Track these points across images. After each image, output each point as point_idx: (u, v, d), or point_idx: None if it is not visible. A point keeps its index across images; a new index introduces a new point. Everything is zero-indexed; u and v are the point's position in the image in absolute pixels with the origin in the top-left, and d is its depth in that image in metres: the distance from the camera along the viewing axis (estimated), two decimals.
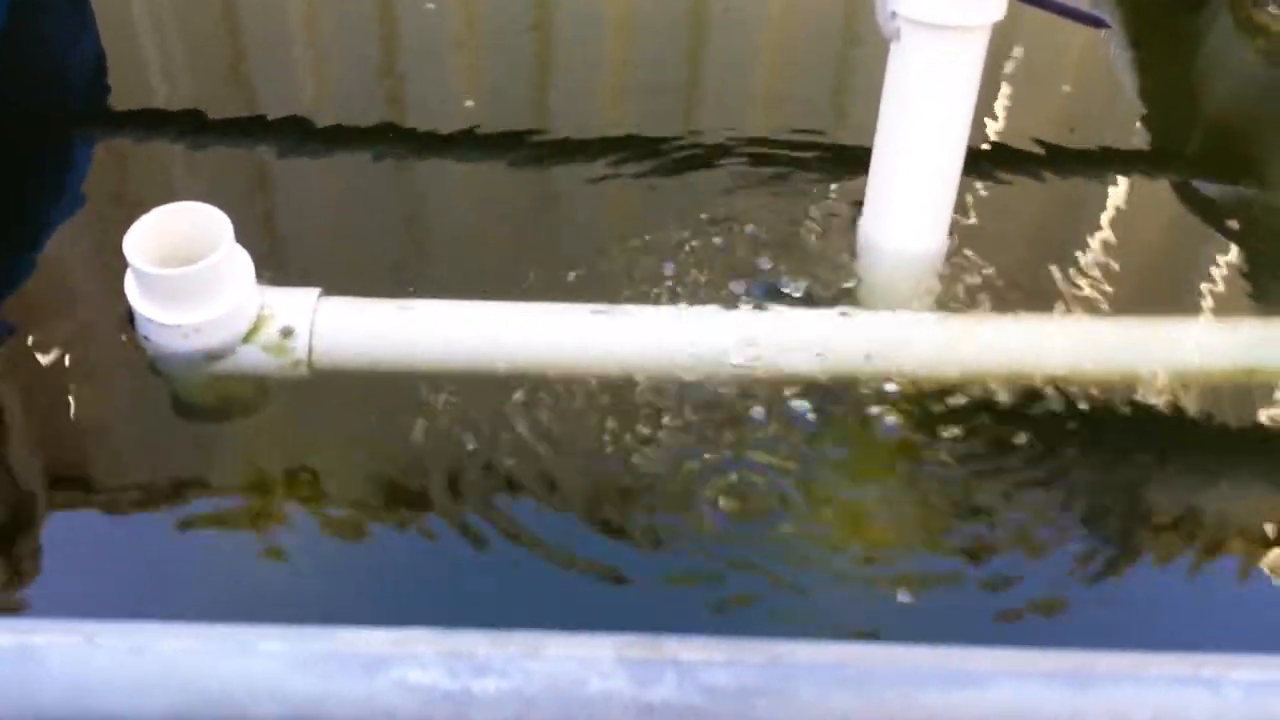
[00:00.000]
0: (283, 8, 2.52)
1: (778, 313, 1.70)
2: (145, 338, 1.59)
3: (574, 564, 1.42)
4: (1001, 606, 1.42)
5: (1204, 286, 1.90)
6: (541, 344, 1.65)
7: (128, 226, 1.54)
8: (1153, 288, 1.92)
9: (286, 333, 1.60)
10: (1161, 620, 1.44)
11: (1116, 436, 1.64)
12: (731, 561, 1.43)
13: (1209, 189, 2.10)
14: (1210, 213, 2.06)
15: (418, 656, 0.83)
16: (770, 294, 1.75)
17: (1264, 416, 1.68)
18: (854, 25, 2.45)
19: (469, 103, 2.20)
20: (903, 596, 1.41)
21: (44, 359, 1.66)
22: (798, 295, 1.75)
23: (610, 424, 1.57)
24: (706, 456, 1.54)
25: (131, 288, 1.57)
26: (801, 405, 1.61)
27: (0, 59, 2.14)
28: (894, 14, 1.63)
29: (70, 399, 1.62)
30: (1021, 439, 1.60)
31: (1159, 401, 1.66)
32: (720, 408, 1.59)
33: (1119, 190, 2.10)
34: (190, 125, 2.13)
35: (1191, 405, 1.67)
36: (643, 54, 2.41)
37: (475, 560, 1.42)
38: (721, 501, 1.49)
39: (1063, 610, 1.42)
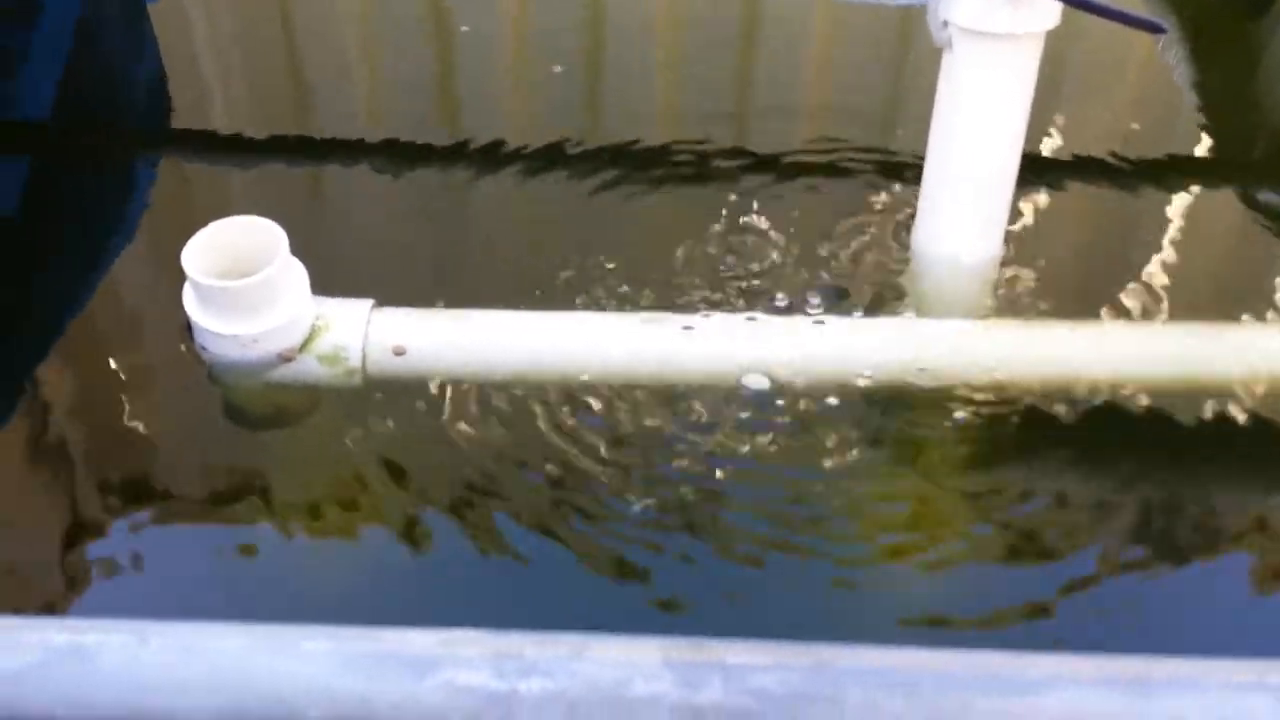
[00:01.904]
0: (339, 31, 2.56)
1: (832, 321, 1.69)
2: (203, 348, 1.61)
3: (615, 569, 1.41)
4: (1061, 613, 1.40)
5: (1267, 296, 1.86)
6: (594, 352, 1.65)
7: (186, 240, 1.57)
8: (1213, 297, 1.88)
9: (340, 346, 1.61)
10: (1228, 627, 1.40)
11: (1177, 444, 1.61)
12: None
13: (1272, 198, 2.06)
14: (1273, 221, 2.02)
15: (465, 657, 0.82)
16: (825, 302, 1.74)
17: None
18: (908, 32, 2.44)
19: (520, 118, 2.22)
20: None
21: (106, 368, 1.68)
22: (852, 303, 1.74)
23: (665, 433, 1.56)
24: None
25: (190, 299, 1.59)
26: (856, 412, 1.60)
27: (64, 77, 2.19)
28: (946, 23, 1.62)
29: (129, 406, 1.64)
30: (1073, 446, 1.57)
31: (1219, 409, 1.63)
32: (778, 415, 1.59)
33: (1178, 199, 2.06)
34: (248, 143, 2.17)
35: (1250, 413, 1.63)
36: (693, 68, 2.41)
37: (524, 568, 1.42)
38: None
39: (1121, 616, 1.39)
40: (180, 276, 1.56)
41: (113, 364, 1.70)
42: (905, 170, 2.02)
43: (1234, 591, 1.44)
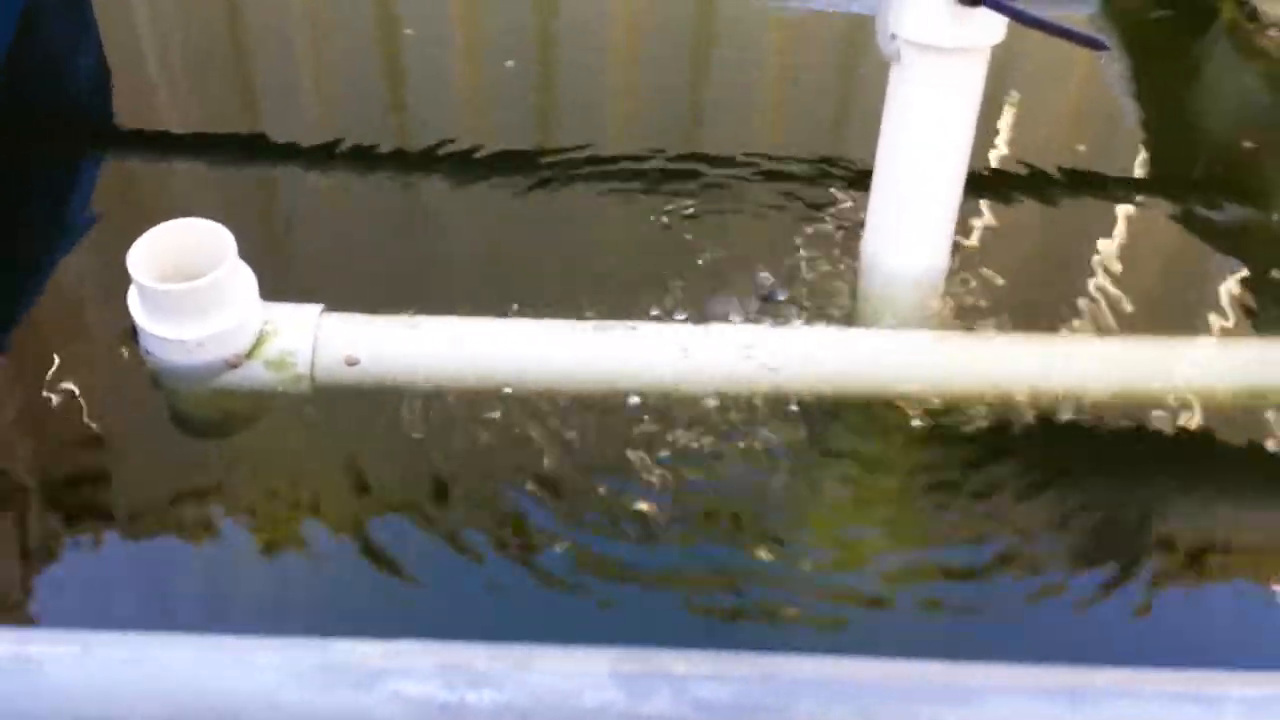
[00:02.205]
0: (286, 27, 2.54)
1: (779, 330, 1.70)
2: (148, 353, 1.60)
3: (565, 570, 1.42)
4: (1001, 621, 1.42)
5: (1203, 310, 1.90)
6: (545, 360, 1.65)
7: (131, 242, 1.55)
8: (1153, 310, 1.92)
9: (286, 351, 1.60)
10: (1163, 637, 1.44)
11: (1119, 456, 1.64)
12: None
13: (1209, 213, 2.10)
14: (1210, 236, 2.06)
15: (414, 668, 0.83)
16: (772, 312, 1.76)
17: (1269, 437, 1.68)
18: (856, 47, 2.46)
19: (469, 119, 2.22)
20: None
21: (48, 372, 1.66)
22: (799, 313, 1.76)
23: (615, 439, 1.57)
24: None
25: (135, 302, 1.57)
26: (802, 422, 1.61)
27: (5, 72, 2.15)
28: (894, 36, 1.64)
29: (73, 413, 1.62)
30: (1020, 458, 1.60)
31: (1160, 422, 1.67)
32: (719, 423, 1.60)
33: (1120, 213, 2.10)
34: (194, 141, 2.15)
35: (1192, 425, 1.67)
36: (648, 76, 2.42)
37: (472, 573, 1.42)
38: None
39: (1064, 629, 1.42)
40: (125, 279, 1.54)
41: (55, 367, 1.67)
42: (856, 180, 2.04)
43: (1177, 602, 1.48)
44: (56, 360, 1.68)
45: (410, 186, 2.07)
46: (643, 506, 1.50)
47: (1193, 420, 1.67)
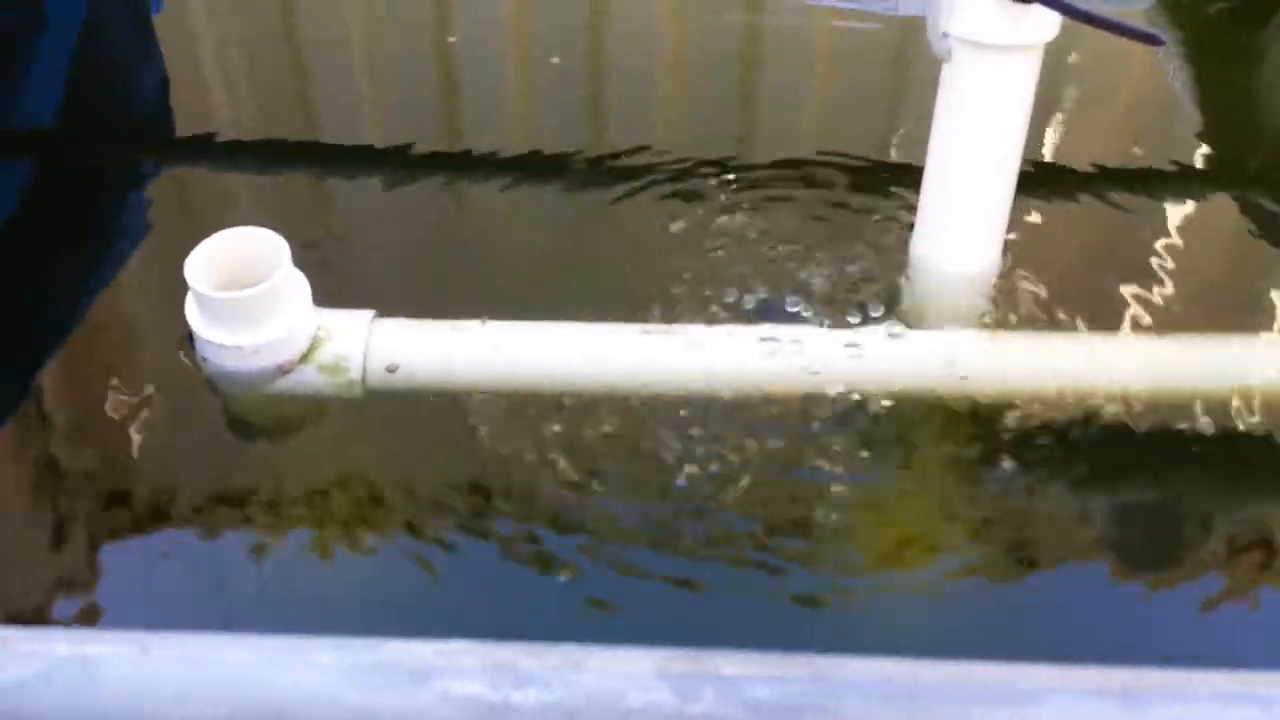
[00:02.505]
0: (344, 37, 2.57)
1: (827, 332, 1.70)
2: (204, 359, 1.62)
3: (633, 571, 1.42)
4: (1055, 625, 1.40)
5: (1267, 305, 1.86)
6: (594, 364, 1.66)
7: (189, 251, 1.57)
8: (1214, 308, 1.88)
9: (340, 356, 1.62)
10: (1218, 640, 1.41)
11: (1177, 457, 1.62)
12: None
13: (1272, 206, 2.07)
14: (1273, 232, 2.02)
15: (462, 668, 0.83)
16: (822, 314, 1.75)
17: None
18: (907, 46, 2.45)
19: (525, 128, 2.23)
20: None
21: (107, 378, 1.69)
22: (849, 315, 1.75)
23: (658, 442, 1.57)
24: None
25: (192, 310, 1.60)
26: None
27: (68, 81, 2.20)
28: (945, 34, 1.63)
29: (130, 416, 1.65)
30: (1078, 459, 1.58)
31: (1219, 421, 1.64)
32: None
33: (1178, 210, 2.07)
34: (251, 149, 2.18)
35: (1253, 424, 1.64)
36: (694, 78, 2.42)
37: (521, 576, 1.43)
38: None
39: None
40: (183, 287, 1.57)
41: (114, 374, 1.71)
42: (906, 180, 2.03)
43: (1225, 603, 1.45)
44: (115, 367, 1.71)
45: (472, 193, 2.09)
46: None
47: (1259, 419, 1.64)
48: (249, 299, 1.56)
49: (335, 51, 2.52)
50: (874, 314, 1.74)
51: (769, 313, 1.75)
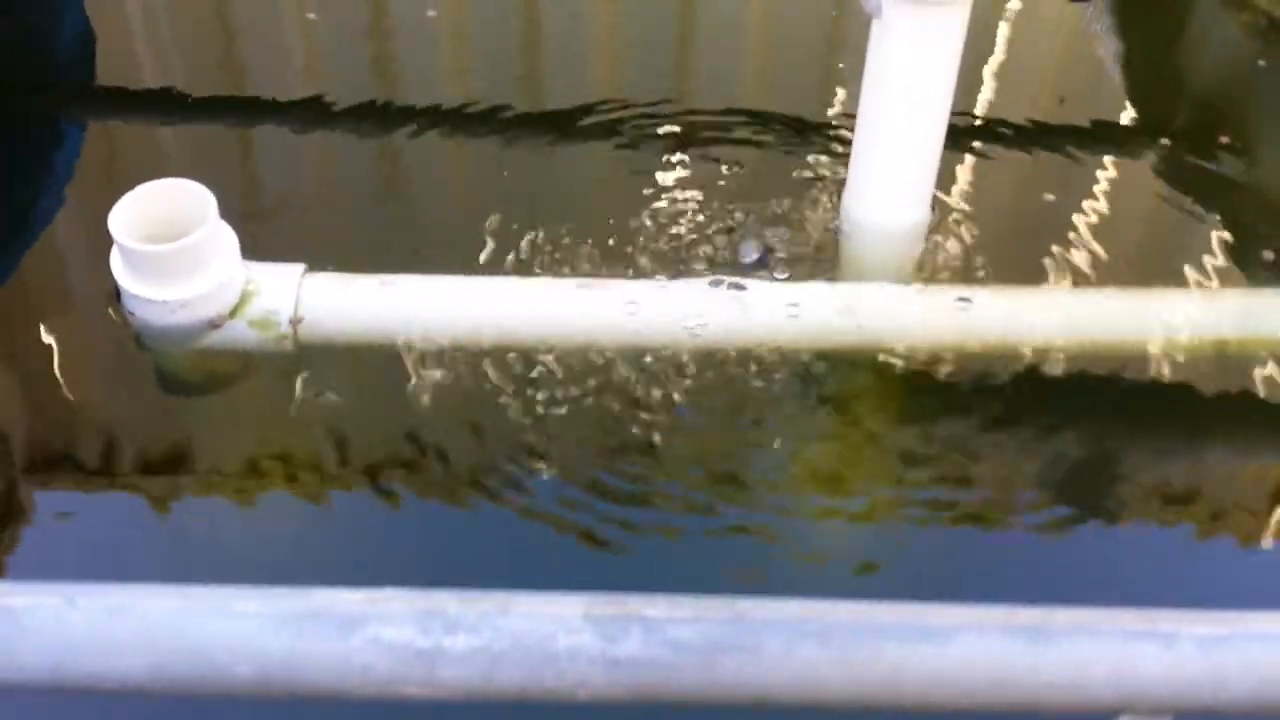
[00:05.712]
0: None
1: (761, 284, 1.71)
2: (131, 313, 1.60)
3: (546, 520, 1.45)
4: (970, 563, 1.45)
5: (1186, 260, 1.91)
6: (526, 317, 1.66)
7: (113, 203, 1.55)
8: (1134, 262, 1.93)
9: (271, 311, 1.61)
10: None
11: (1096, 406, 1.66)
12: None
13: (1193, 163, 2.11)
14: (1193, 188, 2.06)
15: (391, 615, 0.84)
16: (756, 266, 1.77)
17: (1242, 386, 1.70)
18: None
19: (456, 79, 2.21)
20: None
21: (34, 333, 1.67)
22: (782, 268, 1.77)
23: (595, 395, 1.58)
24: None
25: (117, 264, 1.58)
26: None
27: None
28: None
29: (56, 371, 1.63)
30: (1001, 409, 1.62)
31: (1140, 372, 1.68)
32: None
33: (1101, 165, 2.11)
34: (177, 101, 2.14)
35: (1172, 376, 1.69)
36: (631, 33, 2.41)
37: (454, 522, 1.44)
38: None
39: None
40: (108, 240, 1.55)
41: (40, 329, 1.68)
42: (838, 136, 2.04)
43: (1141, 546, 1.50)
44: (42, 322, 1.69)
45: (399, 143, 2.07)
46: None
47: (1174, 370, 1.69)
48: (174, 252, 1.54)
49: (263, 1, 2.48)
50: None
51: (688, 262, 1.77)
